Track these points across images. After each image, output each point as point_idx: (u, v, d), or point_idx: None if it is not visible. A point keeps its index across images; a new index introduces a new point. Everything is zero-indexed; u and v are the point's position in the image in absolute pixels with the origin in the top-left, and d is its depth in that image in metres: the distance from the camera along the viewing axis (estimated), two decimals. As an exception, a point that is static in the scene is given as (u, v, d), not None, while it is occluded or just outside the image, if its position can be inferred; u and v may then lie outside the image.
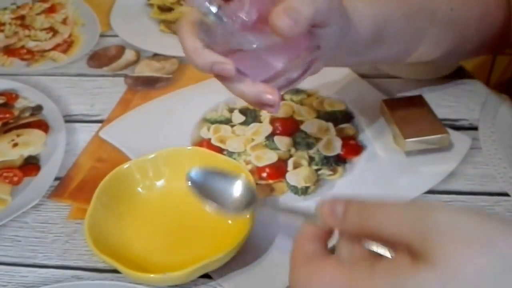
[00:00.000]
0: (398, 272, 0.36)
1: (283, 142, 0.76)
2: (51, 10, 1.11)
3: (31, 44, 1.02)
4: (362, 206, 0.41)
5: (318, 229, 0.45)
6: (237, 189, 0.57)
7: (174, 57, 0.95)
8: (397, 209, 0.39)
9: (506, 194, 0.68)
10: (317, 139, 0.76)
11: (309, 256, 0.43)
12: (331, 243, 0.45)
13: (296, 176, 0.71)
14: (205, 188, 0.56)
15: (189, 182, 0.56)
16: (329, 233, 0.45)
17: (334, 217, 0.42)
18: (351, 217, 0.41)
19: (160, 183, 0.69)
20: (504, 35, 0.77)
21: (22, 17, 1.09)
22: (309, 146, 0.75)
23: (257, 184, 0.66)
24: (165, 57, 0.95)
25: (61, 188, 0.73)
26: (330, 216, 0.43)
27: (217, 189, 0.57)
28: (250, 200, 0.57)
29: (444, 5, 0.71)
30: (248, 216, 0.61)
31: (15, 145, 0.80)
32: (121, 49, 0.98)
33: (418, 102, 0.77)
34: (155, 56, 0.96)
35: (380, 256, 0.40)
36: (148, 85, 0.89)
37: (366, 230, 0.40)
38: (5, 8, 1.12)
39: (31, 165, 0.77)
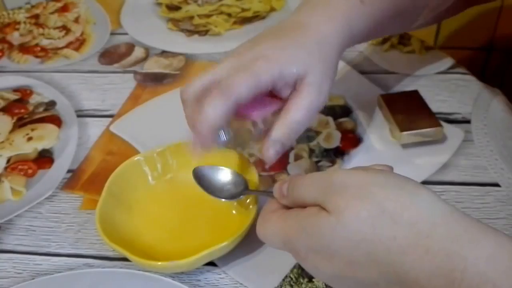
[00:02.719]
0: (308, 215, 0.48)
1: (285, 135, 0.78)
2: (64, 9, 1.11)
3: (45, 42, 1.03)
4: (291, 182, 0.51)
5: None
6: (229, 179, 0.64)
7: (181, 54, 0.96)
8: (311, 180, 0.50)
9: (497, 185, 0.69)
10: (317, 133, 0.78)
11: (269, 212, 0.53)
12: None
13: (297, 167, 0.73)
14: (205, 180, 0.63)
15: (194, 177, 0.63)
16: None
17: (282, 196, 0.52)
18: (289, 194, 0.51)
19: (167, 175, 0.70)
20: None
21: (36, 16, 1.10)
22: (309, 139, 0.77)
23: (260, 175, 0.67)
24: (173, 54, 0.96)
25: (73, 180, 0.74)
26: (280, 197, 0.53)
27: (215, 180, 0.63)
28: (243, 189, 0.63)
29: None
30: (251, 206, 0.63)
31: (30, 139, 0.81)
32: (130, 47, 0.99)
33: (414, 97, 0.78)
34: (163, 53, 0.97)
35: None
36: (156, 81, 0.91)
37: (297, 201, 0.50)
38: (20, 8, 1.13)
39: (45, 158, 0.78)
